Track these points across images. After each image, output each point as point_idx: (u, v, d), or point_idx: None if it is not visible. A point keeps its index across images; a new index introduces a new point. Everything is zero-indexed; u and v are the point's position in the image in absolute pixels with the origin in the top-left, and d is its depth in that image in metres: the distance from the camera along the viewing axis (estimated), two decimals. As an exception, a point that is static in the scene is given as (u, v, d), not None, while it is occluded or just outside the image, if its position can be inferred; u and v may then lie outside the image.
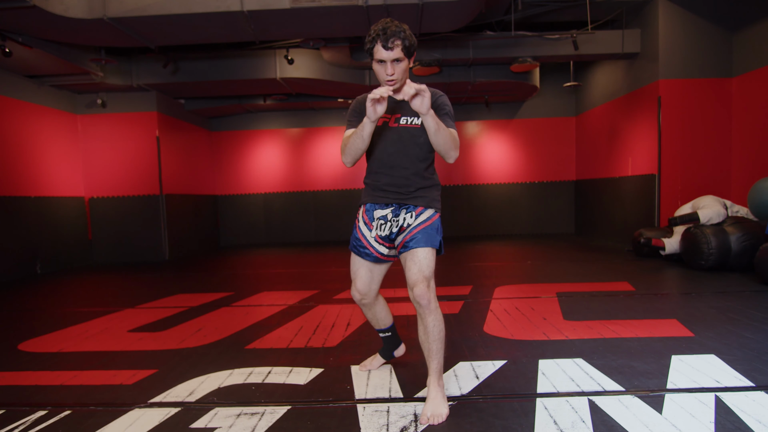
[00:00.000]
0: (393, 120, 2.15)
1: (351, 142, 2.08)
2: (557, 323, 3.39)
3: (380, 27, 2.00)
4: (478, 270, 5.89)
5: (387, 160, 2.17)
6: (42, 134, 7.18)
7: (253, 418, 2.09)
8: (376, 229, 2.23)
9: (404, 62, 2.04)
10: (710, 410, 2.01)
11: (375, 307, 2.47)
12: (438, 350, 2.08)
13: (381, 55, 2.00)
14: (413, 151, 2.15)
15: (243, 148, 10.43)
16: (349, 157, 2.11)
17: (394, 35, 1.98)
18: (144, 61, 7.35)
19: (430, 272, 2.10)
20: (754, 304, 3.76)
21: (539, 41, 7.13)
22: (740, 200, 6.36)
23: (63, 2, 4.84)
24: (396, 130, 2.15)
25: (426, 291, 2.04)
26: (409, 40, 2.03)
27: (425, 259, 2.10)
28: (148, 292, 5.27)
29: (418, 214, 2.17)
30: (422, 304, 2.05)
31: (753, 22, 6.24)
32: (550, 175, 10.18)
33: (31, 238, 6.84)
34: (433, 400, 2.04)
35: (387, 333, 2.58)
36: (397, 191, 2.17)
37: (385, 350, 2.63)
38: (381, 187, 2.20)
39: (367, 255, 2.29)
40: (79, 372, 2.76)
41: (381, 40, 1.99)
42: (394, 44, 1.99)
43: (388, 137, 2.16)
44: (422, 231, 2.13)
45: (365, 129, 2.01)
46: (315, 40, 6.43)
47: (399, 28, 2.01)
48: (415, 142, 2.14)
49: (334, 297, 4.55)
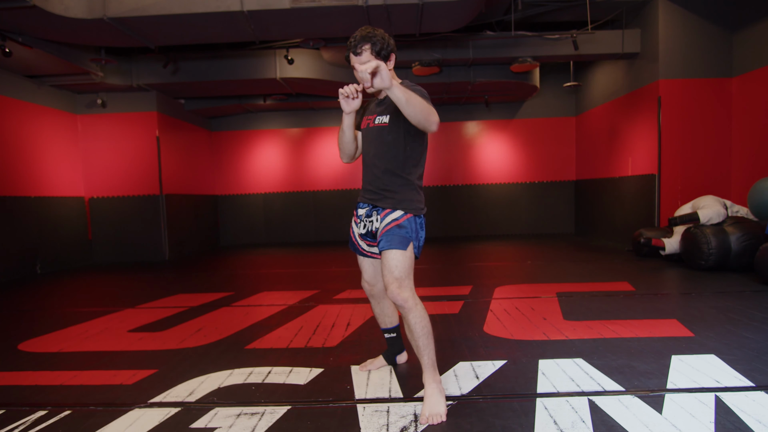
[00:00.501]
0: (372, 121, 2.25)
1: (339, 137, 2.29)
2: (557, 323, 3.39)
3: (352, 36, 2.11)
4: (478, 270, 5.89)
5: (365, 159, 2.29)
6: (42, 134, 7.18)
7: (253, 418, 2.09)
8: (357, 226, 2.35)
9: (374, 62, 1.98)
10: (710, 410, 2.01)
11: (384, 300, 2.51)
12: (425, 345, 2.10)
13: (352, 61, 2.12)
14: (381, 149, 2.20)
15: (243, 148, 10.43)
16: (341, 152, 2.33)
17: (362, 40, 2.08)
18: (144, 61, 7.35)
19: (400, 273, 2.11)
20: (754, 304, 3.76)
21: (539, 41, 7.13)
22: (740, 200, 6.36)
23: (63, 2, 4.84)
24: (371, 131, 2.24)
25: (399, 291, 2.09)
26: (380, 43, 2.09)
27: (393, 260, 2.12)
28: (148, 292, 5.27)
29: (383, 217, 2.20)
30: (399, 304, 2.11)
31: (753, 22, 6.24)
32: (550, 175, 10.17)
33: (31, 238, 6.84)
34: (430, 398, 2.05)
35: (392, 334, 2.59)
36: (372, 190, 2.24)
37: (388, 353, 2.63)
38: (364, 186, 2.30)
39: (356, 249, 2.42)
40: (79, 372, 2.76)
41: (351, 50, 2.11)
42: (362, 49, 2.08)
43: (367, 138, 2.27)
44: (385, 234, 2.16)
45: (344, 121, 2.21)
46: (315, 40, 6.42)
47: (370, 33, 2.09)
48: (383, 141, 2.19)
49: (334, 297, 4.55)
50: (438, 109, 9.63)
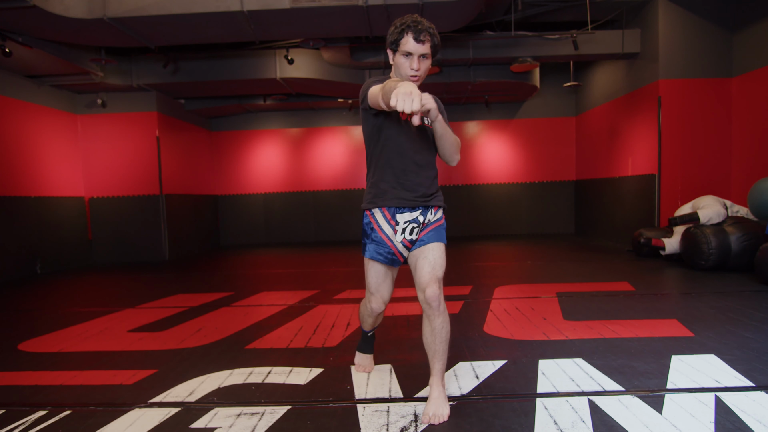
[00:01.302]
0: (418, 117, 1.81)
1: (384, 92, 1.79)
2: (557, 323, 3.39)
3: (410, 20, 1.94)
4: (478, 270, 5.89)
5: (416, 158, 2.05)
6: (42, 134, 7.18)
7: (253, 418, 2.09)
8: (405, 233, 2.10)
9: (429, 61, 2.00)
10: (710, 410, 2.01)
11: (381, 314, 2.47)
12: (443, 351, 2.05)
13: (410, 47, 1.93)
14: (432, 151, 2.11)
15: (243, 148, 10.43)
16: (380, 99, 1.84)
17: (426, 30, 1.93)
18: (144, 61, 7.35)
19: (442, 272, 2.05)
20: (754, 304, 3.76)
21: (539, 41, 7.13)
22: (740, 200, 6.36)
23: (63, 2, 4.84)
24: (420, 128, 2.05)
25: (438, 293, 2.01)
26: (437, 39, 1.99)
27: (439, 258, 2.06)
28: (148, 292, 5.27)
29: (435, 212, 2.15)
30: (433, 306, 2.00)
31: (753, 22, 6.24)
32: (550, 175, 10.17)
33: (31, 238, 6.83)
34: (436, 400, 2.04)
35: (371, 332, 2.60)
36: (424, 192, 2.09)
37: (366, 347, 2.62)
38: (409, 187, 2.07)
39: (395, 261, 2.16)
40: (79, 372, 2.76)
41: (413, 32, 1.92)
42: (425, 38, 1.93)
43: (414, 134, 2.04)
44: (436, 228, 2.11)
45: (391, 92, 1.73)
46: (315, 40, 6.42)
47: (431, 25, 1.96)
48: (431, 143, 2.09)
49: (334, 297, 4.55)
50: (438, 109, 9.23)
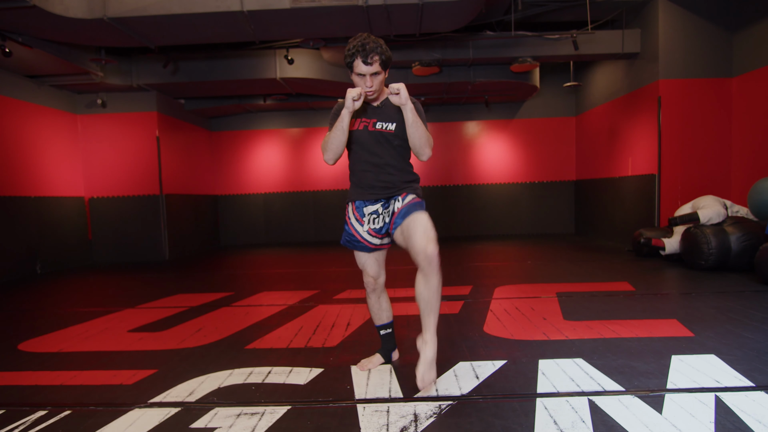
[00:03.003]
0: (371, 125, 2.36)
1: (333, 135, 2.29)
2: (557, 323, 3.39)
3: (359, 43, 2.19)
4: (478, 270, 5.89)
5: (372, 159, 2.38)
6: (42, 134, 7.18)
7: (253, 418, 2.09)
8: (369, 223, 2.44)
9: (381, 75, 2.27)
10: (710, 410, 2.01)
11: (383, 296, 2.61)
12: (437, 308, 2.19)
13: (361, 70, 2.22)
14: (391, 152, 2.38)
15: (243, 148, 10.43)
16: (330, 152, 2.32)
17: (373, 51, 2.18)
18: (144, 61, 7.35)
19: (432, 232, 2.20)
20: (754, 304, 3.76)
21: (539, 41, 7.13)
22: (740, 200, 6.36)
23: (63, 2, 4.84)
24: (374, 134, 2.36)
25: (436, 251, 2.15)
26: (386, 54, 2.23)
27: (426, 222, 2.23)
28: (148, 292, 5.27)
29: (404, 197, 2.37)
30: (433, 264, 2.13)
31: (753, 22, 6.24)
32: (550, 175, 10.17)
33: (31, 238, 6.84)
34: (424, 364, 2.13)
35: (388, 330, 2.65)
36: (385, 187, 2.39)
37: (384, 350, 2.68)
38: (369, 184, 2.41)
39: (363, 247, 2.49)
40: (79, 372, 2.77)
41: (361, 56, 2.18)
42: (372, 60, 2.19)
43: (368, 140, 2.37)
44: (410, 205, 2.32)
45: (344, 120, 2.25)
46: (315, 40, 6.42)
47: (376, 44, 2.20)
48: (391, 145, 2.37)
49: (334, 297, 4.55)
50: (438, 109, 9.62)
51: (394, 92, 2.17)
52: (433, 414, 2.07)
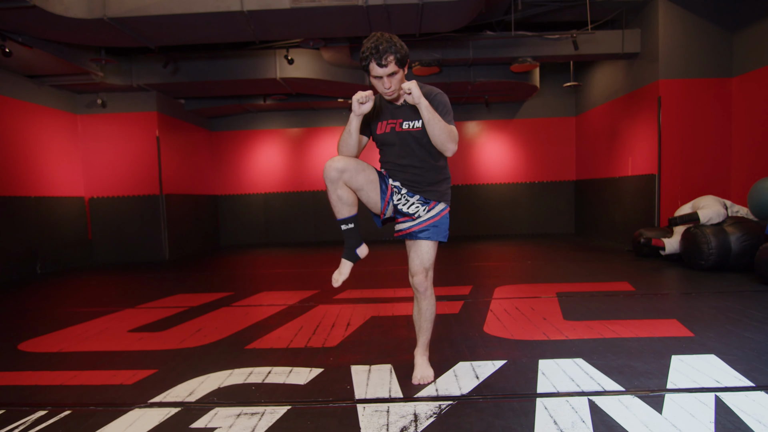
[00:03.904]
0: (398, 125, 2.31)
1: (342, 138, 2.27)
2: (557, 323, 3.39)
3: (372, 45, 2.12)
4: (478, 270, 5.89)
5: (398, 161, 2.36)
6: (42, 134, 7.18)
7: (253, 418, 2.09)
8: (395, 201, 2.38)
9: (399, 74, 2.18)
10: (710, 410, 2.01)
11: (341, 187, 2.26)
12: (427, 329, 2.49)
13: (377, 72, 2.15)
14: (419, 151, 2.33)
15: (243, 148, 10.43)
16: (343, 154, 2.29)
17: (387, 51, 2.10)
18: (144, 61, 7.35)
19: (430, 264, 2.39)
20: (754, 304, 3.76)
21: (539, 41, 7.12)
22: (740, 200, 6.36)
23: (63, 2, 4.84)
24: (401, 135, 2.31)
25: (424, 280, 2.38)
26: (401, 52, 2.14)
27: (428, 253, 2.37)
28: (148, 292, 5.27)
29: (431, 208, 2.38)
30: (420, 291, 2.41)
31: (753, 22, 6.24)
32: (550, 175, 10.17)
33: (31, 238, 6.83)
34: (421, 366, 2.47)
35: (350, 224, 2.34)
36: (410, 186, 2.38)
37: (349, 251, 2.39)
38: (403, 177, 2.38)
39: (380, 196, 2.34)
40: (79, 372, 2.76)
41: (375, 59, 2.11)
42: (387, 60, 2.11)
43: (396, 141, 2.33)
44: (432, 225, 2.36)
45: (352, 123, 2.20)
46: (315, 40, 6.42)
47: (390, 42, 2.12)
48: (418, 143, 2.31)
49: (334, 297, 4.55)
50: (438, 109, 9.21)
51: (407, 92, 2.11)
52: (433, 414, 2.07)
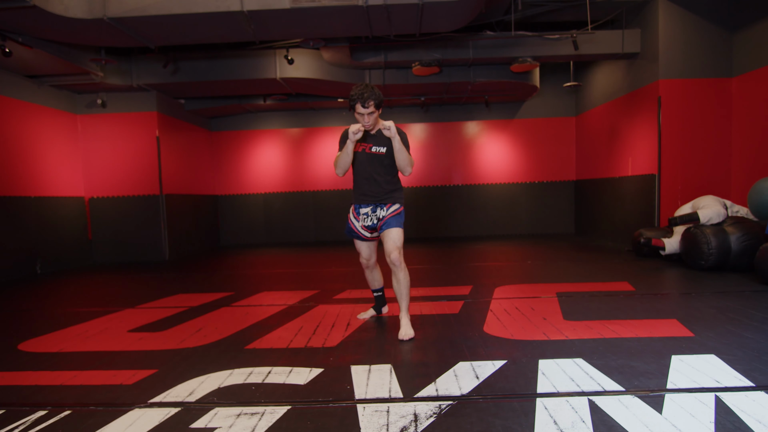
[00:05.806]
0: (368, 148, 3.27)
1: (341, 158, 3.22)
2: (557, 323, 3.39)
3: (359, 92, 3.04)
4: (478, 270, 5.89)
5: (366, 174, 3.30)
6: (42, 134, 7.18)
7: (253, 418, 2.09)
8: (362, 221, 3.36)
9: (375, 113, 3.12)
10: (710, 410, 2.01)
11: (375, 270, 3.62)
12: (407, 294, 3.27)
13: (360, 111, 3.09)
14: (381, 169, 3.28)
15: (243, 148, 10.43)
16: (340, 169, 3.25)
17: (369, 98, 3.04)
18: (144, 61, 7.35)
19: (401, 243, 3.26)
20: (754, 304, 3.76)
21: (539, 41, 7.13)
22: (740, 200, 6.36)
23: (63, 2, 4.84)
24: (370, 155, 3.28)
25: (398, 256, 3.21)
26: (378, 98, 3.09)
27: (396, 234, 3.26)
28: (148, 292, 5.27)
29: (388, 208, 3.32)
30: (396, 265, 3.21)
31: (753, 22, 6.24)
32: (550, 175, 10.17)
33: (31, 238, 6.84)
34: (405, 326, 3.20)
35: (379, 292, 3.73)
36: (374, 195, 3.31)
37: (377, 307, 3.77)
38: (364, 192, 3.33)
39: (359, 237, 3.43)
40: (79, 372, 2.77)
41: (360, 102, 3.05)
42: (369, 104, 3.07)
43: (366, 159, 3.29)
44: (392, 217, 3.29)
45: (349, 148, 3.17)
46: (315, 40, 6.42)
47: (372, 92, 3.05)
48: (381, 163, 3.27)
49: (334, 297, 4.55)
50: (438, 109, 9.63)
51: (386, 128, 3.07)
52: (433, 414, 2.07)
